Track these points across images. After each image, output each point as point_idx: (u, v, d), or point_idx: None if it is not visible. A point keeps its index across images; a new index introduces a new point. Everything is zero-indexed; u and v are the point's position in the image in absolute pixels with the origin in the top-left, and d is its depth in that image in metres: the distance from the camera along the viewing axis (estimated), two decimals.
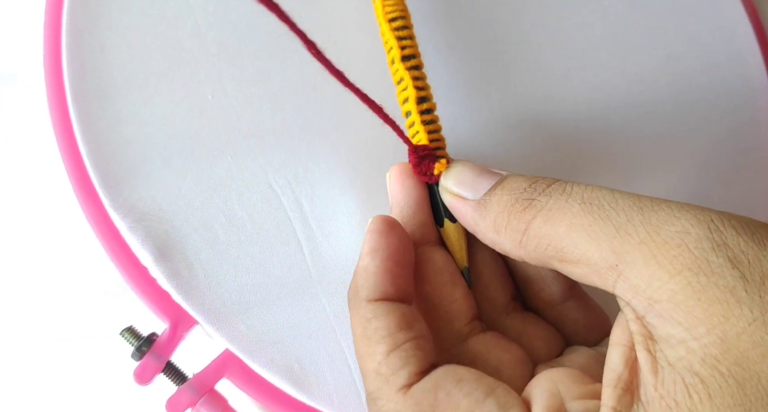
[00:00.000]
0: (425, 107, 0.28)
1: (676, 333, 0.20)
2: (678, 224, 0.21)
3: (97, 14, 0.30)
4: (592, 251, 0.22)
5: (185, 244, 0.29)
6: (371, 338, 0.23)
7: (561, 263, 0.23)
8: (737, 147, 0.36)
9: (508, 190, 0.24)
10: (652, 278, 0.20)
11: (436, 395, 0.22)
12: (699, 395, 0.19)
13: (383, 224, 0.25)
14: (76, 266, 0.33)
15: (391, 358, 0.23)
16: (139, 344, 0.28)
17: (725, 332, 0.19)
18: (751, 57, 0.37)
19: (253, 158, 0.30)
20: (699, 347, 0.20)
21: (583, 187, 0.23)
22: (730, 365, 0.19)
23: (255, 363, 0.28)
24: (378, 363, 0.23)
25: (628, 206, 0.22)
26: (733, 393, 0.19)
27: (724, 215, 0.21)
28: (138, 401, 0.31)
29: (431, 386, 0.22)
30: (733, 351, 0.19)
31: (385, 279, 0.24)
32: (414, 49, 0.29)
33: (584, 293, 0.28)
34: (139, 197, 0.29)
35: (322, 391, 0.28)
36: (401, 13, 0.29)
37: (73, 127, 0.29)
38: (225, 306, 0.29)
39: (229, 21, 0.32)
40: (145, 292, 0.29)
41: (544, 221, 0.23)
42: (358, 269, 0.25)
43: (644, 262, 0.21)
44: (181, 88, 0.31)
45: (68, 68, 0.30)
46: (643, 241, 0.21)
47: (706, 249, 0.20)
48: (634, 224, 0.21)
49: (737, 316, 0.19)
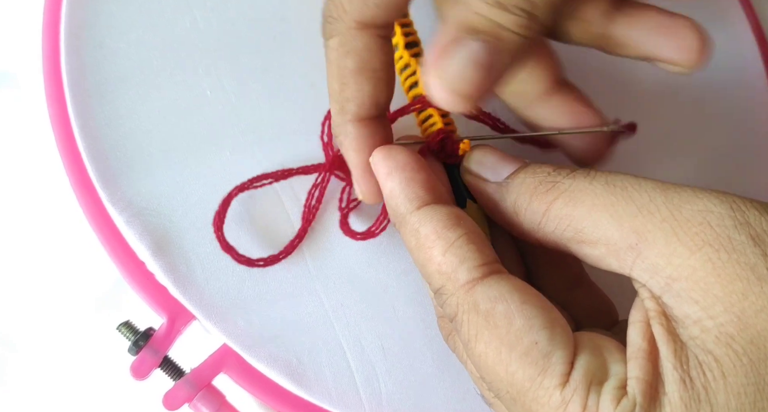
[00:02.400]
0: None
1: (692, 313, 0.20)
2: (700, 203, 0.21)
3: (96, 10, 0.31)
4: (612, 230, 0.22)
5: (183, 239, 0.29)
6: (424, 244, 0.23)
7: (579, 244, 0.23)
8: (737, 146, 0.36)
9: (531, 174, 0.24)
10: (672, 255, 0.21)
11: (495, 305, 0.22)
12: (712, 373, 0.19)
13: (384, 150, 0.25)
14: (74, 260, 0.33)
15: (447, 257, 0.23)
16: (136, 338, 0.28)
17: (743, 310, 0.19)
18: (749, 56, 0.37)
19: (251, 154, 0.30)
20: (714, 326, 0.20)
21: (606, 173, 0.23)
22: (746, 344, 0.19)
23: (253, 358, 0.28)
24: (438, 264, 0.23)
25: (651, 187, 0.22)
26: (746, 372, 0.19)
27: (746, 197, 0.21)
28: (135, 395, 0.31)
29: (495, 295, 0.22)
30: (749, 330, 0.19)
31: (415, 188, 0.24)
32: (416, 37, 0.30)
33: (592, 282, 0.28)
34: (137, 192, 0.29)
35: (321, 386, 0.28)
36: None
37: (71, 122, 0.29)
38: (223, 301, 0.28)
39: (228, 18, 0.32)
40: (143, 286, 0.28)
41: (565, 202, 0.23)
42: (387, 195, 0.25)
43: (665, 239, 0.21)
44: (179, 85, 0.31)
45: (67, 64, 0.30)
46: (665, 219, 0.21)
47: (728, 227, 0.20)
48: (656, 203, 0.21)
49: (757, 293, 0.19)
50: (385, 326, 0.29)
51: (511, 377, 0.21)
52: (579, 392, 0.20)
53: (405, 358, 0.29)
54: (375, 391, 0.28)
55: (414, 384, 0.29)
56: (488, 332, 0.21)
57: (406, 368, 0.29)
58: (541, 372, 0.21)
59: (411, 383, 0.29)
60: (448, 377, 0.29)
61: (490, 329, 0.21)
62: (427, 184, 0.25)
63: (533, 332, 0.21)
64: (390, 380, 0.29)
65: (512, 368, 0.21)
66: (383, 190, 0.25)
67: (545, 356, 0.21)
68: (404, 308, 0.30)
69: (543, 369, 0.21)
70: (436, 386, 0.29)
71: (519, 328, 0.21)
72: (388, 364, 0.29)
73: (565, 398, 0.20)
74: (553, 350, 0.21)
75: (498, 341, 0.21)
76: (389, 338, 0.29)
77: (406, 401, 0.29)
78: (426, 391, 0.29)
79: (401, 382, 0.29)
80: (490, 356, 0.21)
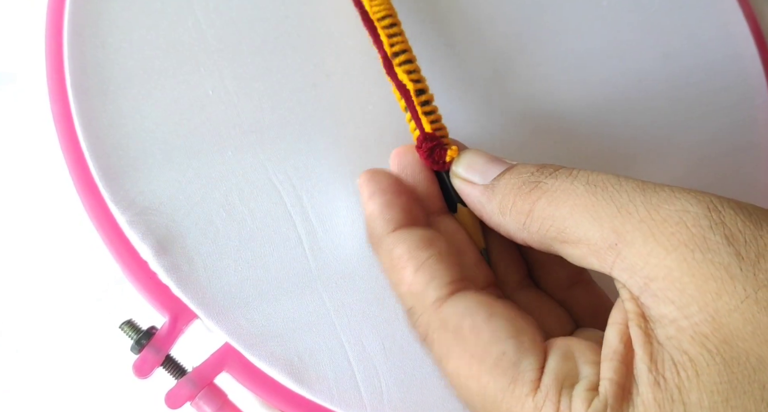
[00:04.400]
0: (423, 99, 0.28)
1: (668, 312, 0.20)
2: (678, 203, 0.21)
3: (99, 10, 0.31)
4: (593, 230, 0.22)
5: (186, 238, 0.29)
6: (397, 265, 0.25)
7: (562, 244, 0.23)
8: (735, 145, 0.36)
9: (516, 174, 0.25)
10: (649, 255, 0.21)
11: (463, 320, 0.23)
12: (686, 372, 0.20)
13: (369, 173, 0.27)
14: (76, 259, 0.33)
15: (417, 276, 0.24)
16: (138, 337, 0.28)
17: (717, 309, 0.20)
18: (748, 55, 0.37)
19: (253, 154, 0.30)
20: (689, 326, 0.20)
21: (588, 172, 0.23)
22: (719, 344, 0.19)
23: (255, 357, 0.28)
24: (408, 284, 0.24)
25: (631, 188, 0.22)
26: (719, 371, 0.19)
27: (723, 197, 0.21)
28: (137, 394, 0.31)
29: (462, 311, 0.23)
30: (723, 329, 0.20)
31: (392, 211, 0.26)
32: (404, 45, 0.29)
33: (591, 280, 0.28)
34: (140, 191, 0.29)
35: (322, 385, 0.28)
36: (388, 11, 0.30)
37: (74, 122, 0.29)
38: (225, 300, 0.29)
39: (230, 18, 0.32)
40: (145, 286, 0.29)
41: (548, 202, 0.23)
42: (367, 217, 0.26)
43: (643, 239, 0.21)
44: (182, 84, 0.31)
45: (70, 64, 0.30)
46: (643, 219, 0.21)
47: (704, 227, 0.20)
48: (635, 203, 0.22)
49: (730, 293, 0.20)
50: (387, 326, 0.29)
51: (483, 390, 0.22)
52: (550, 397, 0.21)
53: (406, 357, 0.29)
54: (376, 390, 0.29)
55: (415, 383, 0.29)
56: (458, 348, 0.22)
57: (408, 367, 0.29)
58: (512, 381, 0.21)
59: (412, 383, 0.29)
60: None
61: (460, 345, 0.22)
62: (405, 208, 0.26)
63: (501, 343, 0.22)
64: (391, 379, 0.29)
65: (484, 381, 0.22)
66: (365, 211, 0.27)
67: (514, 364, 0.21)
68: None
69: (513, 378, 0.21)
70: (437, 385, 0.29)
71: (487, 340, 0.22)
72: (389, 363, 0.29)
73: (538, 405, 0.21)
74: (521, 358, 0.22)
75: (468, 355, 0.22)
76: (390, 337, 0.29)
77: (408, 400, 0.29)
78: (427, 390, 0.29)
79: (402, 381, 0.29)
80: (462, 372, 0.22)
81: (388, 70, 0.29)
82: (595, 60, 0.35)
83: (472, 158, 0.27)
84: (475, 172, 0.26)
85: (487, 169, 0.26)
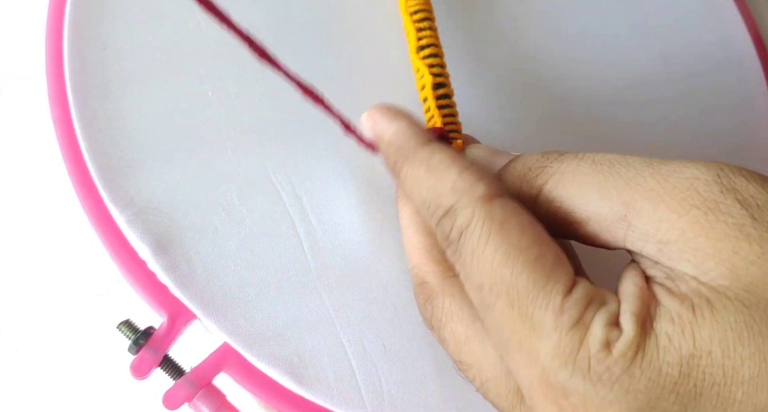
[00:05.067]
0: (441, 93, 0.29)
1: (685, 271, 0.20)
2: (687, 171, 0.21)
3: (100, 11, 0.31)
4: (602, 206, 0.22)
5: (184, 238, 0.29)
6: (438, 168, 0.23)
7: (571, 225, 0.23)
8: (734, 147, 0.36)
9: (521, 162, 0.25)
10: (660, 221, 0.21)
11: (510, 217, 0.22)
12: (702, 311, 0.20)
13: (379, 105, 0.26)
14: (74, 259, 0.33)
15: (465, 175, 0.23)
16: (136, 337, 0.28)
17: (734, 263, 0.20)
18: (747, 57, 0.37)
19: (253, 154, 0.30)
20: (708, 280, 0.20)
21: (593, 153, 0.23)
22: (739, 291, 0.20)
23: (254, 357, 0.28)
24: (453, 181, 0.23)
25: (638, 162, 0.22)
26: (736, 311, 0.19)
27: (733, 165, 0.21)
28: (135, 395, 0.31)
29: (511, 210, 0.22)
30: (742, 280, 0.20)
31: (422, 131, 0.25)
32: (431, 40, 0.30)
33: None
34: (139, 191, 0.29)
35: (322, 385, 0.28)
36: (423, 5, 0.31)
37: (74, 123, 0.29)
38: (224, 300, 0.28)
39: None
40: (143, 285, 0.28)
41: (555, 184, 0.23)
42: (392, 135, 0.25)
43: (653, 206, 0.21)
44: (181, 85, 0.31)
45: (69, 64, 0.30)
46: (653, 188, 0.21)
47: (715, 192, 0.21)
48: (643, 175, 0.22)
49: (746, 250, 0.20)
50: (387, 326, 0.29)
51: (515, 279, 0.21)
52: (578, 304, 0.21)
53: (407, 357, 0.29)
54: (377, 390, 0.28)
55: (415, 383, 0.29)
56: (500, 237, 0.22)
57: (408, 367, 0.29)
58: (547, 278, 0.21)
59: (412, 383, 0.29)
60: (450, 377, 0.29)
61: (503, 235, 0.22)
62: (431, 133, 0.25)
63: (544, 246, 0.21)
64: (392, 379, 0.28)
65: (518, 270, 0.21)
66: (387, 133, 0.25)
67: (552, 266, 0.21)
68: (406, 307, 0.29)
69: (548, 276, 0.21)
70: (437, 385, 0.29)
71: (531, 239, 0.21)
72: (389, 363, 0.29)
73: (564, 306, 0.21)
74: (559, 265, 0.21)
75: (508, 245, 0.21)
76: (391, 337, 0.29)
77: (408, 400, 0.28)
78: (427, 390, 0.29)
79: (403, 381, 0.29)
80: (497, 259, 0.21)
81: (413, 61, 0.30)
82: (594, 64, 0.35)
83: (477, 151, 0.27)
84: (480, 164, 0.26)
85: (492, 160, 0.26)
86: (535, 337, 0.21)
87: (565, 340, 0.20)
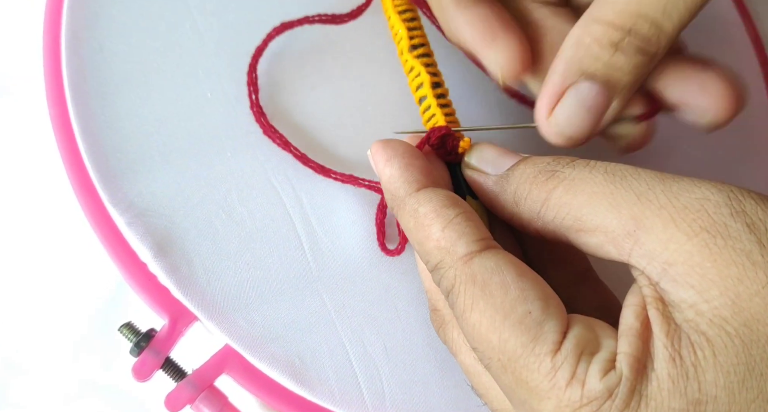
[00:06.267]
0: (439, 91, 0.29)
1: (687, 297, 0.20)
2: (698, 191, 0.21)
3: (97, 13, 0.31)
4: (611, 218, 0.22)
5: (185, 239, 0.29)
6: (423, 223, 0.24)
7: (577, 232, 0.23)
8: (734, 149, 0.36)
9: (531, 164, 0.25)
10: (669, 240, 0.21)
11: (492, 276, 0.22)
12: (703, 352, 0.20)
13: (382, 141, 0.26)
14: (75, 262, 0.33)
15: (446, 232, 0.23)
16: (137, 340, 0.28)
17: (738, 294, 0.20)
18: (747, 59, 0.37)
19: (252, 155, 0.30)
20: (709, 309, 0.20)
21: (606, 163, 0.24)
22: (738, 326, 0.20)
23: (255, 358, 0.28)
24: (436, 240, 0.23)
25: (650, 177, 0.22)
26: (737, 352, 0.19)
27: (743, 188, 0.22)
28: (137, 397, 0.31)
29: (492, 267, 0.22)
30: (743, 313, 0.20)
31: (414, 172, 0.25)
32: (423, 39, 0.30)
33: (598, 279, 0.28)
34: (138, 193, 0.29)
35: (324, 386, 0.28)
36: (409, 5, 0.31)
37: (72, 125, 0.29)
38: (225, 301, 0.28)
39: (228, 21, 0.32)
40: (144, 288, 0.28)
41: (565, 190, 0.23)
42: (387, 180, 0.26)
43: (663, 225, 0.21)
44: (180, 87, 0.31)
45: (68, 66, 0.30)
46: (663, 206, 0.21)
47: (725, 214, 0.21)
48: (655, 191, 0.22)
49: (751, 278, 0.20)
50: (388, 326, 0.29)
51: (503, 345, 0.21)
52: (569, 360, 0.21)
53: (408, 358, 0.29)
54: (378, 391, 0.28)
55: (417, 384, 0.29)
56: (483, 302, 0.22)
57: (409, 367, 0.29)
58: (534, 339, 0.21)
59: (414, 383, 0.29)
60: (451, 377, 0.29)
61: (486, 299, 0.22)
62: (424, 170, 0.25)
63: (528, 303, 0.22)
64: (393, 379, 0.29)
65: (505, 335, 0.21)
66: (382, 177, 0.26)
67: (538, 324, 0.21)
68: (406, 308, 0.30)
69: (535, 337, 0.21)
70: (439, 385, 0.29)
71: (514, 298, 0.22)
72: (390, 364, 0.29)
73: (555, 365, 0.21)
74: (546, 320, 0.21)
75: (492, 309, 0.22)
76: (392, 338, 0.29)
77: (409, 401, 0.29)
78: (429, 391, 0.29)
79: (404, 382, 0.29)
80: (484, 324, 0.22)
81: (405, 61, 0.30)
82: None
83: (485, 149, 0.27)
84: (487, 163, 0.26)
85: (500, 161, 0.26)
86: (536, 399, 0.21)
87: (564, 400, 0.20)
